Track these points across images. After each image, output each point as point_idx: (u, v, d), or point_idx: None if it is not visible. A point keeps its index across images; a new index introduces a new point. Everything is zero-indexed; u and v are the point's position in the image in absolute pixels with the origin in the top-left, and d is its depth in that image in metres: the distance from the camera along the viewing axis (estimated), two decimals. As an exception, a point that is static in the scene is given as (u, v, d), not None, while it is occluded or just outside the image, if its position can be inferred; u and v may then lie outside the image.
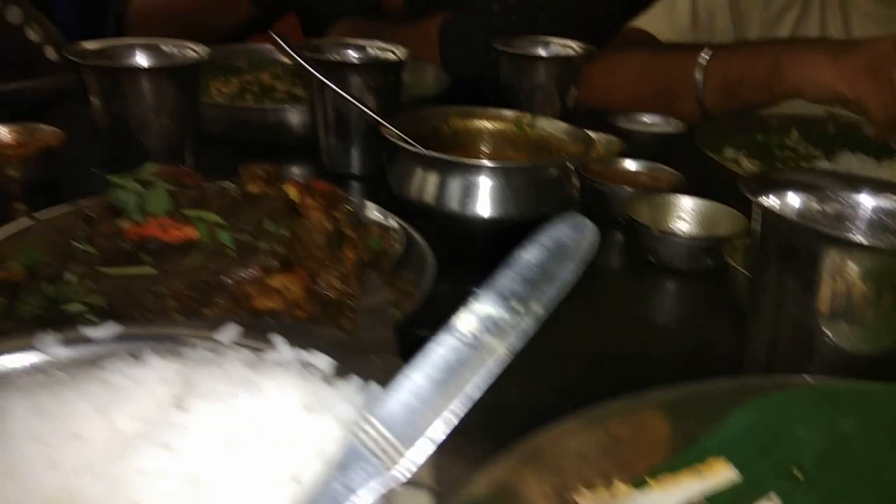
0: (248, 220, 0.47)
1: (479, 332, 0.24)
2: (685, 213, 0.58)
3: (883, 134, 0.77)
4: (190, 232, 0.44)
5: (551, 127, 0.62)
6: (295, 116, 0.74)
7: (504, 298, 0.24)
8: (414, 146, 0.56)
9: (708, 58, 0.89)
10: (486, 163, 0.53)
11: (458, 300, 0.25)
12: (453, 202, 0.53)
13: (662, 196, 0.58)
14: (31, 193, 0.60)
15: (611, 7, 1.15)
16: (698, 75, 0.89)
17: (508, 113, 0.64)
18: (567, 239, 0.25)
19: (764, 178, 0.41)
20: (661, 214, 0.58)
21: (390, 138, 0.56)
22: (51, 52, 0.86)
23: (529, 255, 0.25)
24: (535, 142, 0.63)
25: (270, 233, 0.45)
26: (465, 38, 0.99)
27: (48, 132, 0.64)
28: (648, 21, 1.08)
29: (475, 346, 0.23)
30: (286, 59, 0.94)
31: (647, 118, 0.83)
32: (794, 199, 0.40)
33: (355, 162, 0.69)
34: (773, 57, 0.83)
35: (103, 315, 0.38)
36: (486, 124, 0.65)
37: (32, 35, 0.84)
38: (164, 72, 0.57)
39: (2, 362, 0.28)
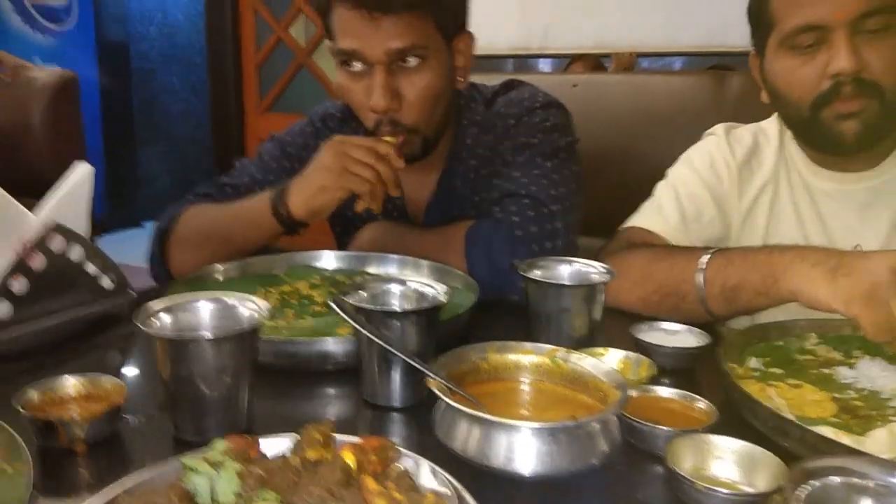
0: (311, 496, 0.50)
1: None
2: (724, 456, 0.60)
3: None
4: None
5: (585, 363, 0.66)
6: (338, 346, 0.79)
7: None
8: (457, 400, 0.59)
9: (706, 264, 0.94)
10: (530, 424, 0.56)
11: None
12: (498, 459, 0.56)
13: (700, 437, 0.61)
14: (93, 451, 0.63)
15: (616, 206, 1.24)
16: (699, 281, 0.94)
17: (544, 347, 0.69)
18: None
19: (805, 470, 0.44)
20: (701, 457, 0.60)
21: (436, 391, 0.60)
22: (106, 282, 0.93)
23: None
24: (569, 375, 0.67)
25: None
26: (487, 245, 1.05)
27: (112, 386, 0.67)
28: (641, 220, 1.16)
29: None
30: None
31: (668, 326, 0.87)
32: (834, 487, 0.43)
33: (396, 396, 0.73)
34: (768, 266, 0.88)
35: None
36: (523, 358, 0.69)
37: (90, 268, 0.91)
38: (228, 339, 0.62)
39: None
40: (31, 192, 2.48)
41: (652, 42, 3.61)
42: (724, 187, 1.15)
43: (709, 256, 0.95)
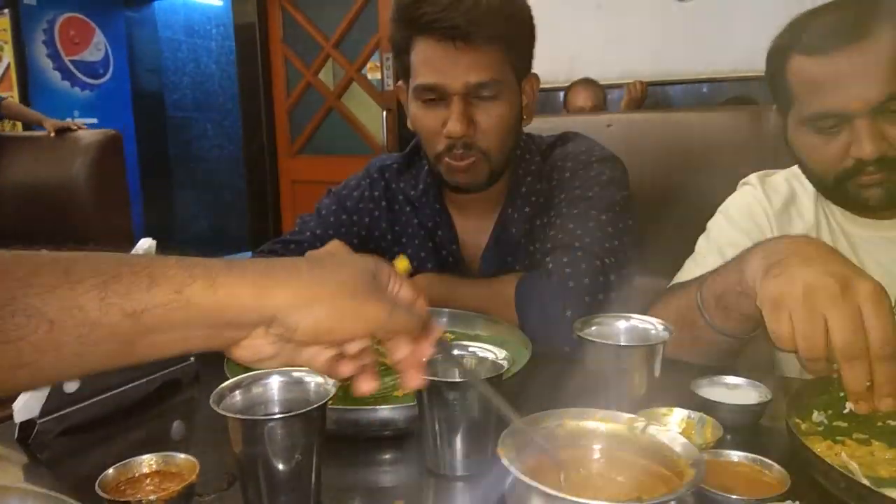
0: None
1: None
2: (801, 526, 0.59)
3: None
4: None
5: (662, 436, 0.64)
6: (400, 413, 0.79)
7: None
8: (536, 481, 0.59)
9: (703, 282, 0.95)
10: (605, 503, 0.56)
11: None
12: (576, 535, 0.56)
13: (775, 507, 0.60)
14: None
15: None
16: (698, 300, 0.94)
17: (622, 416, 0.66)
18: None
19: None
20: (777, 527, 0.59)
21: (507, 463, 0.60)
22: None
23: None
24: (646, 446, 0.65)
25: None
26: (539, 297, 1.06)
27: (184, 463, 0.69)
28: (684, 276, 1.16)
29: None
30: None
31: (729, 380, 0.86)
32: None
33: (458, 465, 0.73)
34: (738, 263, 0.87)
35: None
36: (600, 426, 0.68)
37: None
38: (297, 417, 0.63)
39: None
40: (77, 244, 2.55)
41: (679, 70, 3.63)
42: (765, 236, 1.14)
43: (708, 274, 0.95)
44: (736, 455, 0.69)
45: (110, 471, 0.67)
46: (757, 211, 1.16)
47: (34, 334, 0.42)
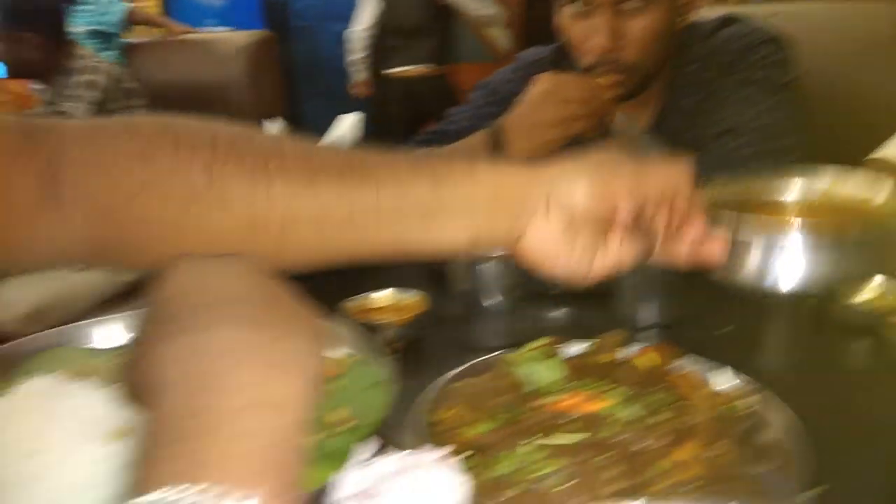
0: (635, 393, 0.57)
1: None
2: None
3: None
4: (597, 405, 0.55)
5: None
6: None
7: None
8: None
9: None
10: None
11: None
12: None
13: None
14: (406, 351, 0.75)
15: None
16: None
17: None
18: None
19: None
20: None
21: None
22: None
23: None
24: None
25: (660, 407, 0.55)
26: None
27: (414, 298, 0.79)
28: (888, 152, 1.11)
29: None
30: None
31: None
32: None
33: (654, 311, 0.79)
34: None
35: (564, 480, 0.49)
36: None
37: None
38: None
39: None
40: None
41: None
42: None
43: None
44: None
45: (351, 302, 0.78)
46: None
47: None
